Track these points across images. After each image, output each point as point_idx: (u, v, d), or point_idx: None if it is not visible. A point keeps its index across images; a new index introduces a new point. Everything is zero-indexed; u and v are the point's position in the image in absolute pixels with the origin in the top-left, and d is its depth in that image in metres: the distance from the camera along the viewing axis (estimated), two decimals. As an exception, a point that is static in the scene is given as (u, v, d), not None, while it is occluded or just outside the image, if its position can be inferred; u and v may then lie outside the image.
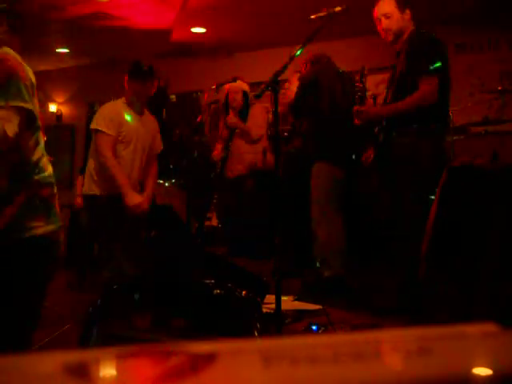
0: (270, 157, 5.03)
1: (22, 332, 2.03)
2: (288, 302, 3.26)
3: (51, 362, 0.40)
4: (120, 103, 3.61)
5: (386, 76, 3.76)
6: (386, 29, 3.30)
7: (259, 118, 5.03)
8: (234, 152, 5.06)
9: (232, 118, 5.01)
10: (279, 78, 2.39)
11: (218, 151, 5.21)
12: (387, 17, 3.28)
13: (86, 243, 5.43)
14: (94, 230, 4.19)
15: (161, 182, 5.88)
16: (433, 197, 2.52)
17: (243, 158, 5.07)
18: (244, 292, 1.98)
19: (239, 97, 5.05)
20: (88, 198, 3.62)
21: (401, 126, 3.18)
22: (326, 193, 3.83)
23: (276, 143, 2.66)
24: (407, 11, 3.30)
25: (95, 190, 3.51)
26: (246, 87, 5.09)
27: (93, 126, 3.52)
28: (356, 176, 3.99)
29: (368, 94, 3.80)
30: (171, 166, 6.11)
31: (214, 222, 5.89)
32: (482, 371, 0.39)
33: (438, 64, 3.12)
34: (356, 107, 3.35)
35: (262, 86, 2.51)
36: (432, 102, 3.06)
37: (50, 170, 2.10)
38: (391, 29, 3.28)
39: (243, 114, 5.05)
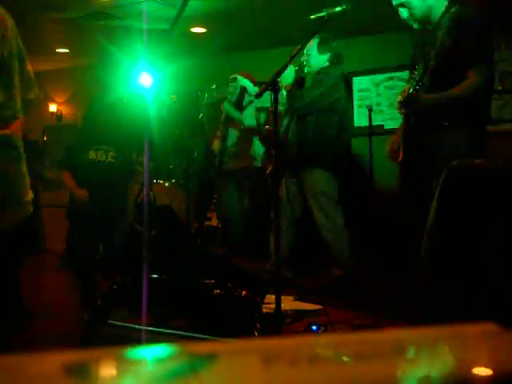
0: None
1: None
2: (288, 302, 3.26)
3: (51, 362, 0.40)
4: None
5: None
6: None
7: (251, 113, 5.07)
8: (230, 145, 5.11)
9: (226, 105, 5.11)
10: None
11: (217, 142, 5.25)
12: None
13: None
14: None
15: (161, 182, 5.88)
16: None
17: (239, 151, 5.10)
18: (244, 292, 1.98)
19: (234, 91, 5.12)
20: None
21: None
22: (327, 197, 3.86)
23: (275, 142, 2.66)
24: None
25: None
26: (247, 83, 5.11)
27: None
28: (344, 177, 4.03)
29: None
30: (171, 166, 6.11)
31: (214, 222, 5.90)
32: (482, 371, 0.39)
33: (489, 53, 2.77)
34: (402, 95, 2.66)
35: (262, 86, 2.51)
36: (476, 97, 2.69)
37: None
38: None
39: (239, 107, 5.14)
